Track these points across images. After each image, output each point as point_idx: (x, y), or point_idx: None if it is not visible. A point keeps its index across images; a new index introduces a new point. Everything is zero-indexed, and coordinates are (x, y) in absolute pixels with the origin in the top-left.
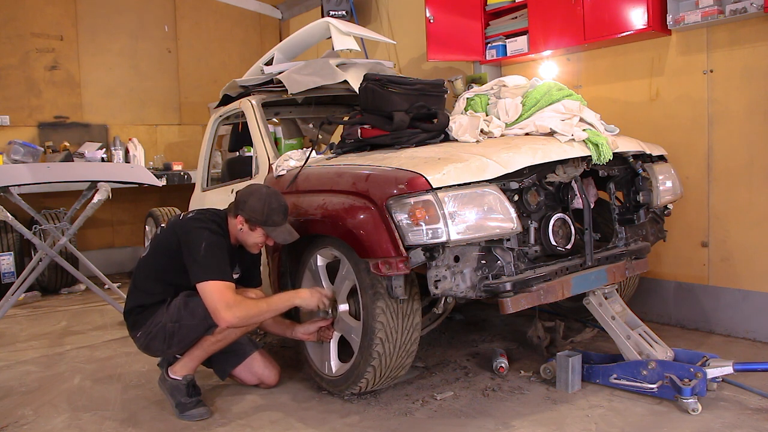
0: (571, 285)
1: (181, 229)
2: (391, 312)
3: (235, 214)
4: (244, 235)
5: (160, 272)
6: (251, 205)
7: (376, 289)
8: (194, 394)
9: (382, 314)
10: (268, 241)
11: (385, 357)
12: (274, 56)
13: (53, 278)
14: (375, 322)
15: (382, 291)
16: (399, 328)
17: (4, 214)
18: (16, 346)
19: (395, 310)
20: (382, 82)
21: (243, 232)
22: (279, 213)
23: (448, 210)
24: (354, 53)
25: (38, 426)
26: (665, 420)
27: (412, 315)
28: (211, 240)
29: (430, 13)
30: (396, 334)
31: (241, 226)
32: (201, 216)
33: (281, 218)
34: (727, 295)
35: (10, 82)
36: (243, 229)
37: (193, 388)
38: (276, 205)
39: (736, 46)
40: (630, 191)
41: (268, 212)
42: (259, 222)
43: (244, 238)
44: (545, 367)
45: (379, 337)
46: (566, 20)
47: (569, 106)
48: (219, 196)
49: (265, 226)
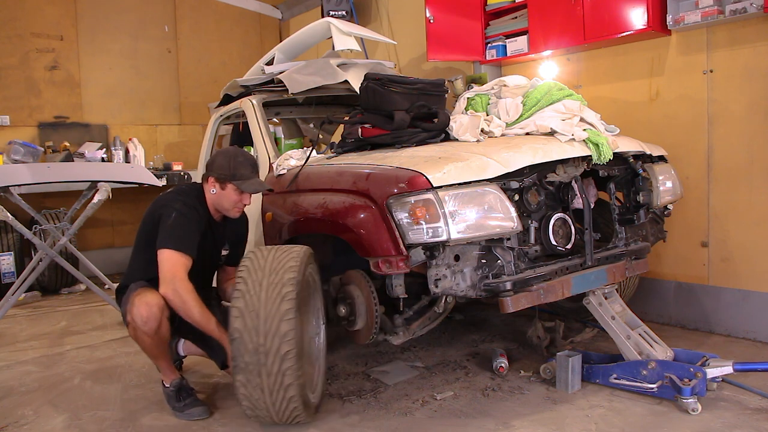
0: (571, 285)
1: (159, 202)
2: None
3: (206, 178)
4: (219, 198)
5: (143, 247)
6: (218, 163)
7: None
8: (186, 396)
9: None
10: (243, 199)
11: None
12: (275, 56)
13: (53, 278)
14: None
15: None
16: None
17: (4, 214)
18: (16, 346)
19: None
20: (382, 81)
21: (216, 194)
22: (246, 166)
23: (449, 209)
24: (354, 53)
25: (38, 426)
26: (665, 420)
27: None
28: (182, 211)
29: (430, 13)
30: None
31: (214, 188)
32: (180, 189)
33: (249, 171)
34: (727, 295)
35: (10, 82)
36: (216, 191)
37: (184, 390)
38: (242, 159)
39: (736, 46)
40: (630, 191)
41: (235, 166)
42: (228, 177)
43: (220, 202)
44: (545, 367)
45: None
46: (566, 20)
47: (570, 106)
48: None
49: (234, 180)
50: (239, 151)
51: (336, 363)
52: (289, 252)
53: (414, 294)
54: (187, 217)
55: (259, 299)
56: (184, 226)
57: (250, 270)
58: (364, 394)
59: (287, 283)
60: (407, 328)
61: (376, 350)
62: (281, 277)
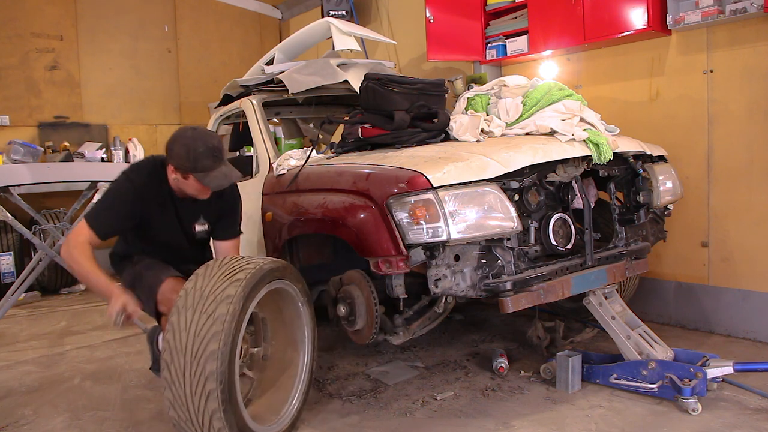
0: (571, 285)
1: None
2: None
3: (167, 163)
4: (181, 185)
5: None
6: (177, 152)
7: None
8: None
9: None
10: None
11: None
12: (275, 56)
13: (53, 278)
14: None
15: None
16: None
17: (4, 214)
18: (16, 346)
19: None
20: (382, 81)
21: (178, 181)
22: (207, 157)
23: (449, 209)
24: (354, 53)
25: (38, 426)
26: (665, 420)
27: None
28: (116, 186)
29: (430, 13)
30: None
31: (174, 175)
32: (135, 164)
33: (211, 161)
34: (727, 295)
35: (10, 82)
36: (177, 178)
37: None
38: (203, 149)
39: (736, 46)
40: (630, 191)
41: (194, 157)
42: (188, 169)
43: (183, 188)
44: (545, 367)
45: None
46: (566, 20)
47: (570, 106)
48: None
49: (195, 172)
50: (199, 137)
51: (336, 363)
52: (212, 318)
53: (414, 294)
54: (118, 193)
55: (184, 393)
56: (106, 203)
57: (171, 350)
58: (364, 394)
59: (209, 377)
60: (407, 328)
61: (376, 350)
62: (203, 368)
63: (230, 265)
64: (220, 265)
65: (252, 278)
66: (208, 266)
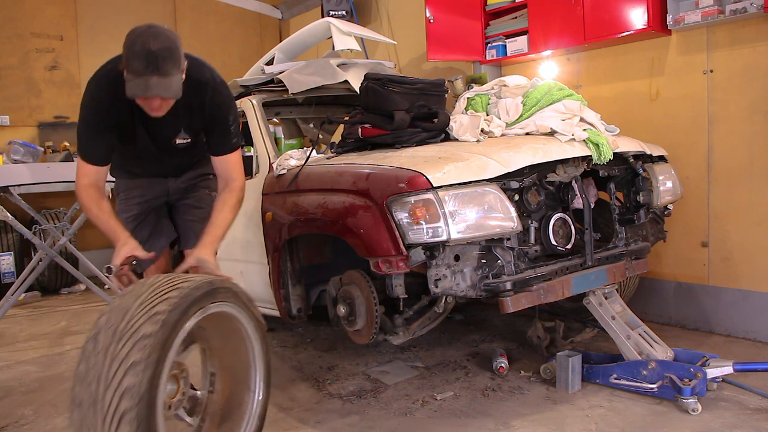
0: (571, 284)
1: None
2: None
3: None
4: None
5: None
6: (123, 46)
7: None
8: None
9: None
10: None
11: None
12: (275, 56)
13: (53, 278)
14: None
15: None
16: None
17: (4, 214)
18: (16, 346)
19: None
20: (382, 81)
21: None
22: (140, 58)
23: (449, 209)
24: (354, 53)
25: (38, 426)
26: (665, 420)
27: None
28: (83, 107)
29: (430, 13)
30: None
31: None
32: (100, 68)
33: (142, 66)
34: (727, 295)
35: (10, 82)
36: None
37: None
38: (139, 48)
39: (736, 46)
40: (630, 191)
41: (128, 55)
42: (124, 66)
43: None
44: (545, 367)
45: None
46: (566, 20)
47: (570, 106)
48: None
49: (126, 72)
50: (144, 34)
51: (336, 363)
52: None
53: (414, 294)
54: (87, 119)
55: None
56: (84, 131)
57: (77, 405)
58: (364, 394)
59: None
60: (407, 328)
61: (376, 350)
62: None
63: (151, 291)
64: (137, 293)
65: (177, 308)
66: (126, 295)
